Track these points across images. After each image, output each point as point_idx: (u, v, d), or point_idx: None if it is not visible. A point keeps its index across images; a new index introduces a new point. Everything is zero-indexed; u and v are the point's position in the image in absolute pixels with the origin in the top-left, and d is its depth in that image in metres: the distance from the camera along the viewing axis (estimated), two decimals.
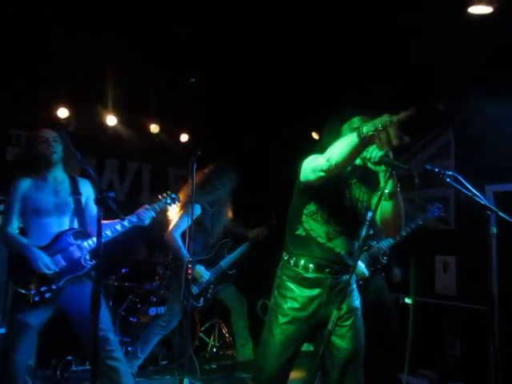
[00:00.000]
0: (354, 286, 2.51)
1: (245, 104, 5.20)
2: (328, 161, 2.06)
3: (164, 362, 4.49)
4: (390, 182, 2.09)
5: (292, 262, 2.41)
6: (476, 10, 3.15)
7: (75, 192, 3.05)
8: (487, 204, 2.74)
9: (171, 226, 4.11)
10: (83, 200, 3.07)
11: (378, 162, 2.04)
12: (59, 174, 3.03)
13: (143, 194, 6.11)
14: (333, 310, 1.99)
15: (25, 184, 2.99)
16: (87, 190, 3.10)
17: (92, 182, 2.52)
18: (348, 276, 2.30)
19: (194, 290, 4.11)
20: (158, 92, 4.98)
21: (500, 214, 2.69)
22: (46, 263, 2.84)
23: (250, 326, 4.58)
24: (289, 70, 4.43)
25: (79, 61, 4.18)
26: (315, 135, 5.66)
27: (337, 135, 2.29)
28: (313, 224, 2.37)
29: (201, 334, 4.81)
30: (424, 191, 4.61)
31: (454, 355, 4.33)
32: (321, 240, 2.36)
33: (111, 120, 5.24)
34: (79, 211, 3.04)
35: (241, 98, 5.09)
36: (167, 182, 6.32)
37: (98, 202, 2.28)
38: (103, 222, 2.96)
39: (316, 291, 2.34)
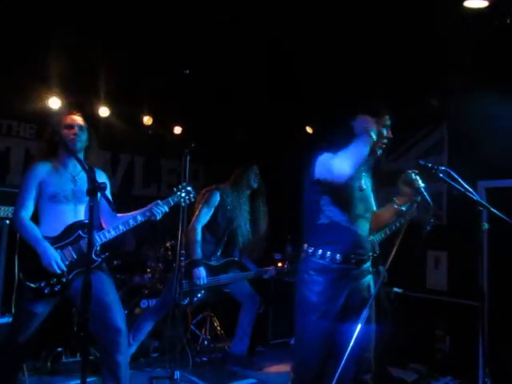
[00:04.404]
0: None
1: (238, 96, 5.17)
2: (352, 167, 2.31)
3: (155, 355, 4.48)
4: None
5: (318, 254, 2.42)
6: (472, 3, 3.14)
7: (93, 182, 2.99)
8: (479, 200, 2.75)
9: (193, 218, 4.08)
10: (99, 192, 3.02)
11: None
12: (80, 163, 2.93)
13: (136, 186, 6.09)
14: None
15: (43, 168, 2.88)
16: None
17: (85, 172, 2.47)
18: (368, 265, 2.53)
19: (185, 286, 4.04)
20: (151, 84, 4.94)
21: (492, 209, 2.70)
22: (58, 263, 2.75)
23: None
24: (281, 63, 4.41)
25: (71, 51, 4.13)
26: (309, 129, 5.66)
27: (349, 132, 2.47)
28: (334, 210, 2.44)
29: (192, 327, 4.80)
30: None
31: (444, 350, 4.36)
32: (345, 223, 2.43)
33: (104, 111, 5.19)
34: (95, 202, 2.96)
35: (235, 90, 5.06)
36: (160, 175, 6.30)
37: (89, 192, 2.26)
38: (119, 215, 2.94)
39: (343, 282, 2.35)
